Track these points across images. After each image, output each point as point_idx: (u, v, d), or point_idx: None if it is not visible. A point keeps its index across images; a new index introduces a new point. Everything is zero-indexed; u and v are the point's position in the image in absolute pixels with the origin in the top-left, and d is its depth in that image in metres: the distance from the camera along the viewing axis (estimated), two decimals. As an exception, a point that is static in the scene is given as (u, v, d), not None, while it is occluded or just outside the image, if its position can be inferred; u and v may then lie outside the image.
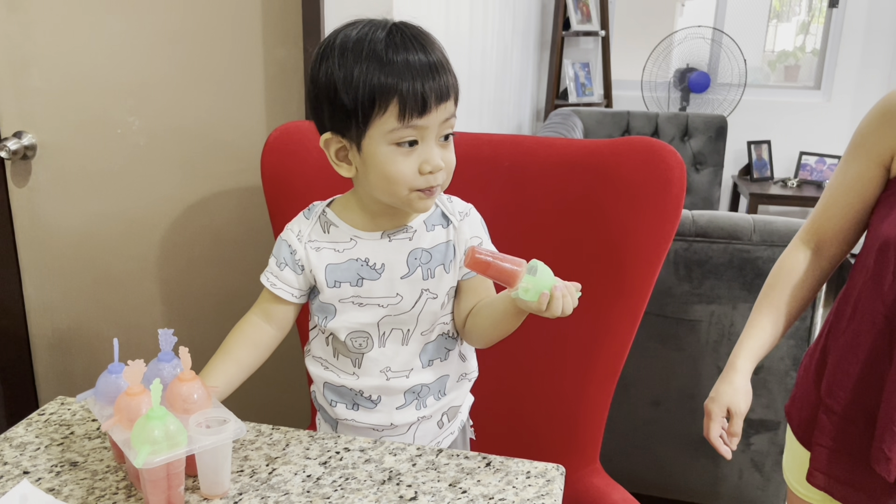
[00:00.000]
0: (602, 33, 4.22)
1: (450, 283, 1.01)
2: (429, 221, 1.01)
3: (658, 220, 1.23)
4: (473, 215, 1.05)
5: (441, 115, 0.92)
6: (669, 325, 1.77)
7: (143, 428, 0.70)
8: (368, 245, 0.99)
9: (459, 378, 1.09)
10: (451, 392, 1.07)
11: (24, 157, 1.72)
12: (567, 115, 3.47)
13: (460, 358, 1.09)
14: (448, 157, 0.94)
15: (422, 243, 1.00)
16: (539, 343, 1.30)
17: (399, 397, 1.03)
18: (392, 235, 1.00)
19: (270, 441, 0.88)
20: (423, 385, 1.04)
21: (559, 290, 0.86)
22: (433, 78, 0.89)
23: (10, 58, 1.68)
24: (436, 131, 0.92)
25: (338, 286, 0.99)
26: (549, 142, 1.32)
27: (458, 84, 0.94)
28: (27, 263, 1.82)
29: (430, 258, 1.00)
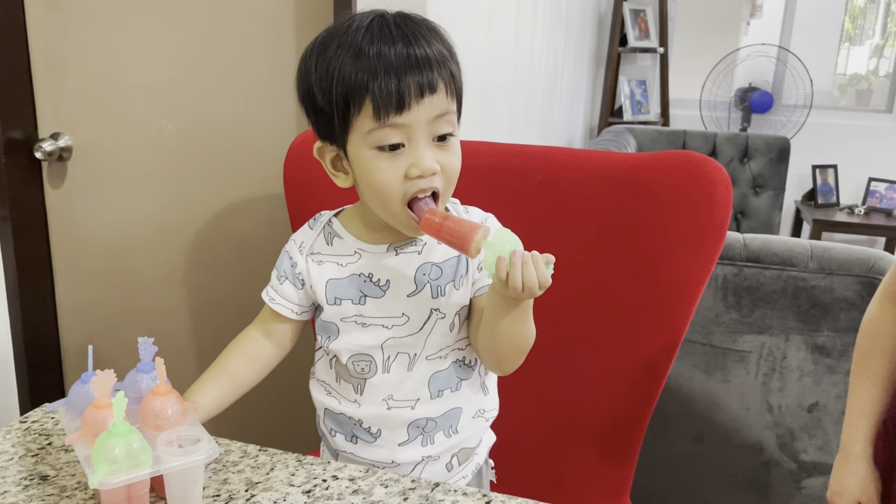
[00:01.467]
0: (661, 50, 4.11)
1: (460, 301, 0.91)
2: None
3: (701, 241, 1.13)
4: (492, 224, 0.95)
5: (427, 111, 0.81)
6: (716, 354, 1.66)
7: (104, 445, 0.65)
8: (373, 259, 0.91)
9: (476, 414, 0.97)
10: (465, 430, 0.95)
11: (59, 158, 1.72)
12: (620, 132, 3.37)
13: (480, 390, 0.97)
14: (446, 160, 0.84)
15: (432, 257, 0.90)
16: (567, 372, 1.21)
17: (402, 432, 0.92)
18: (399, 249, 0.90)
19: (255, 463, 0.82)
20: (430, 419, 0.92)
21: (518, 255, 0.75)
22: (413, 70, 0.79)
23: (48, 59, 1.68)
24: (426, 131, 0.82)
25: (339, 303, 0.91)
26: (585, 154, 1.24)
27: (457, 78, 0.84)
28: (60, 265, 1.82)
29: (441, 274, 0.90)
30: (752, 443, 1.68)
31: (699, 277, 1.14)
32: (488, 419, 0.99)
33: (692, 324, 1.66)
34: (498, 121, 2.09)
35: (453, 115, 0.84)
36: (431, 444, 0.93)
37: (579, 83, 3.65)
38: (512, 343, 0.86)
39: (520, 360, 0.90)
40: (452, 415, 0.94)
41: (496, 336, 0.86)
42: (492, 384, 1.00)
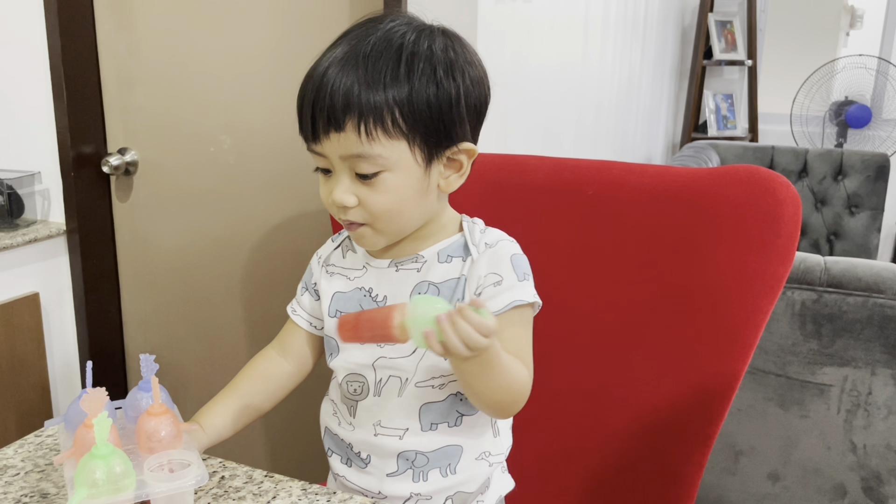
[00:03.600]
0: (749, 62, 3.93)
1: None
2: (445, 251, 0.87)
3: (765, 264, 1.03)
4: (502, 248, 0.86)
5: (336, 148, 0.78)
6: (793, 387, 1.53)
7: (85, 467, 0.63)
8: (376, 274, 0.88)
9: (480, 456, 0.89)
10: (465, 472, 0.88)
11: (126, 172, 1.76)
12: (702, 148, 3.22)
13: (489, 430, 0.90)
14: (365, 197, 0.79)
15: (430, 276, 0.85)
16: (614, 404, 1.12)
17: (391, 462, 0.87)
18: (400, 264, 0.87)
19: (258, 490, 0.78)
20: (420, 453, 0.86)
21: (443, 320, 0.68)
22: (323, 103, 0.76)
23: (117, 76, 1.72)
24: (344, 164, 0.78)
25: (336, 317, 0.88)
26: (641, 168, 1.16)
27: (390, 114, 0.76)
28: (126, 277, 1.86)
29: (438, 294, 0.84)
30: (833, 485, 1.54)
31: (764, 303, 1.04)
32: (493, 463, 0.91)
33: (766, 353, 1.54)
34: (561, 135, 2.02)
35: (381, 158, 0.77)
36: (424, 480, 0.87)
37: (660, 97, 3.53)
38: (492, 397, 0.79)
39: (517, 406, 0.82)
40: (450, 453, 0.87)
41: (473, 395, 0.81)
42: (504, 424, 0.93)
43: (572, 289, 1.15)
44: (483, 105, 0.85)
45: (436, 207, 0.86)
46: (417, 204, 0.82)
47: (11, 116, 1.78)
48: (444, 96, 0.78)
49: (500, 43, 1.48)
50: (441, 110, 0.78)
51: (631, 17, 2.66)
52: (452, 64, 0.79)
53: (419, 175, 0.80)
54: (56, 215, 1.78)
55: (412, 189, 0.80)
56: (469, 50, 0.84)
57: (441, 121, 0.79)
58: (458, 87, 0.79)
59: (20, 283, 1.69)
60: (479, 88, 0.83)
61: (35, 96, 1.72)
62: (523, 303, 0.82)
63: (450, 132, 0.80)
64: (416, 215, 0.83)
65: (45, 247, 1.73)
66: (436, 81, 0.78)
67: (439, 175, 0.83)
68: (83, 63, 1.71)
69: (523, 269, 0.85)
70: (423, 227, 0.86)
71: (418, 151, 0.79)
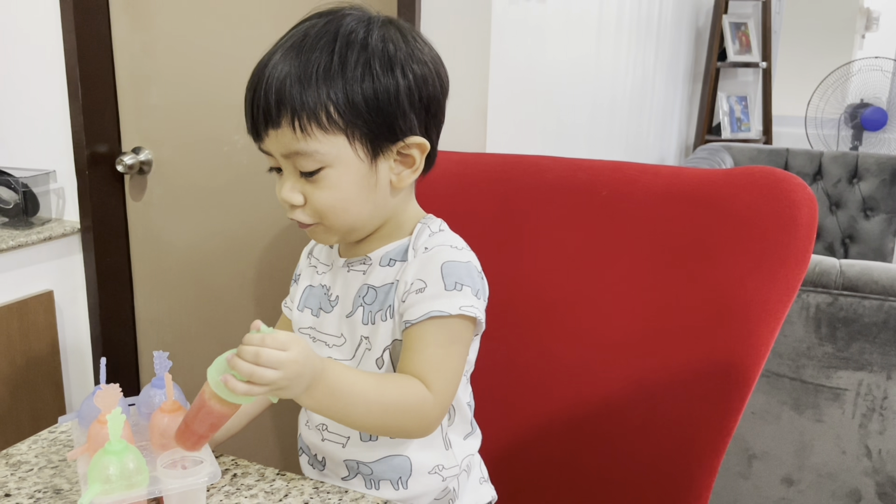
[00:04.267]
0: (763, 65, 3.90)
1: (389, 334, 0.81)
2: (389, 254, 0.84)
3: (780, 267, 1.03)
4: (437, 254, 0.81)
5: (276, 146, 0.77)
6: (807, 391, 1.52)
7: (99, 463, 0.63)
8: (334, 272, 0.87)
9: (432, 470, 0.86)
10: (417, 486, 0.85)
11: (140, 171, 1.77)
12: (715, 150, 3.20)
13: (441, 444, 0.87)
14: (312, 195, 0.78)
15: (372, 279, 0.83)
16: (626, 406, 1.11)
17: (341, 467, 0.86)
18: (351, 265, 0.86)
19: (270, 488, 0.78)
20: (362, 463, 0.84)
21: (230, 357, 0.68)
22: (258, 101, 0.75)
23: (132, 75, 1.73)
24: (287, 162, 0.78)
25: (302, 311, 0.89)
26: (655, 169, 1.15)
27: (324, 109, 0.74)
28: (139, 276, 1.86)
29: (374, 299, 0.82)
30: (848, 490, 1.52)
31: (779, 306, 1.03)
32: (446, 477, 0.87)
33: (780, 357, 1.53)
34: (574, 136, 2.02)
35: (319, 154, 0.76)
36: (376, 489, 0.85)
37: (673, 99, 3.51)
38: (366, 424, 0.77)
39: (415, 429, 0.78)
40: (397, 466, 0.84)
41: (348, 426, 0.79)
42: (456, 436, 0.89)
43: (585, 289, 1.14)
44: (433, 98, 0.81)
45: (392, 204, 0.83)
46: (365, 200, 0.80)
47: (27, 115, 1.79)
48: (382, 90, 0.76)
49: (513, 43, 1.47)
50: (379, 105, 0.76)
51: (645, 19, 2.65)
52: (391, 57, 0.77)
53: (363, 170, 0.78)
54: (71, 214, 1.79)
55: (356, 185, 0.78)
56: (416, 43, 0.81)
57: (381, 116, 0.76)
58: (397, 82, 0.76)
59: (35, 281, 1.70)
60: (425, 81, 0.79)
61: (50, 96, 1.73)
62: (443, 314, 0.77)
63: (392, 127, 0.78)
64: (364, 212, 0.81)
65: (59, 245, 1.74)
66: (372, 75, 0.75)
67: (389, 170, 0.80)
68: (98, 63, 1.72)
69: (457, 278, 0.79)
70: (382, 225, 0.84)
71: (360, 146, 0.77)
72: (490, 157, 1.29)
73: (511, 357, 1.15)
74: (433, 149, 0.83)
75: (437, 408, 0.76)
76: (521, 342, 1.16)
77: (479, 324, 0.82)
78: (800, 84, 4.02)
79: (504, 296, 1.15)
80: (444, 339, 0.78)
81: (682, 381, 1.07)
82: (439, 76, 0.82)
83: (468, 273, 0.81)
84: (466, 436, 0.91)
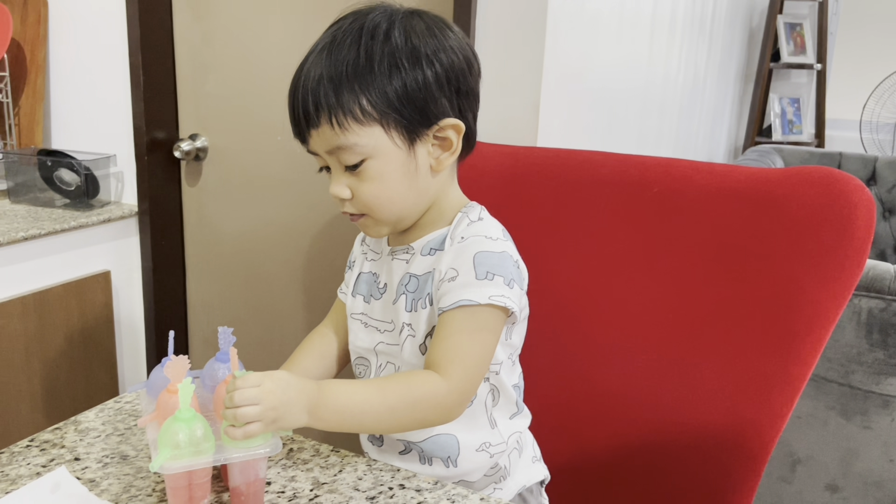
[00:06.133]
0: (818, 66, 3.83)
1: (428, 321, 0.84)
2: (430, 244, 0.86)
3: (836, 268, 1.02)
4: (471, 244, 0.82)
5: (319, 144, 0.80)
6: (856, 397, 1.49)
7: (169, 429, 0.66)
8: (382, 260, 0.91)
9: (479, 448, 0.88)
10: (466, 464, 0.88)
11: (196, 157, 1.82)
12: (766, 152, 3.15)
13: (486, 424, 0.89)
14: (358, 188, 0.81)
15: (414, 268, 0.86)
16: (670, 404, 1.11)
17: (397, 443, 0.88)
18: (395, 254, 0.89)
19: (325, 464, 0.81)
20: (412, 442, 0.86)
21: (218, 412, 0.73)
22: (300, 100, 0.78)
23: (192, 64, 1.78)
24: (332, 159, 0.81)
25: (356, 297, 0.92)
26: (708, 167, 1.15)
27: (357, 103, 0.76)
28: (192, 260, 1.91)
29: (416, 287, 0.84)
30: (894, 499, 1.50)
31: (832, 309, 1.02)
32: (494, 454, 0.90)
33: (829, 361, 1.51)
34: (623, 134, 2.01)
35: (359, 146, 0.78)
36: (429, 465, 0.88)
37: (724, 99, 3.46)
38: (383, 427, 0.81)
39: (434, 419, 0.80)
40: (445, 444, 0.86)
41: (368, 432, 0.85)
42: (501, 415, 0.91)
43: (633, 285, 1.14)
44: (463, 82, 0.83)
45: (434, 188, 0.85)
46: (408, 187, 0.82)
47: (91, 102, 1.85)
48: (411, 82, 0.78)
49: (567, 39, 1.48)
50: (409, 95, 0.78)
51: (698, 17, 2.63)
52: (416, 49, 0.79)
53: (403, 157, 0.81)
54: (129, 197, 1.84)
55: (398, 172, 0.81)
56: (441, 31, 0.82)
57: (412, 104, 0.79)
58: (424, 74, 0.79)
59: (93, 261, 1.75)
60: (452, 68, 0.81)
61: (113, 83, 1.79)
62: (472, 303, 0.79)
63: (425, 113, 0.80)
64: (410, 198, 0.83)
65: (117, 227, 1.80)
66: (399, 69, 0.78)
67: (428, 154, 0.83)
68: (159, 52, 1.77)
69: (489, 268, 0.81)
70: (426, 213, 0.87)
71: (396, 134, 0.79)
72: (541, 150, 1.29)
73: (559, 346, 1.16)
74: (470, 129, 0.85)
75: (452, 394, 0.78)
76: (568, 334, 1.16)
77: (512, 313, 0.83)
78: (855, 87, 3.93)
79: (552, 288, 1.16)
80: (471, 327, 0.80)
81: (731, 379, 1.07)
82: (467, 60, 0.84)
83: (501, 262, 0.82)
84: (513, 415, 0.93)
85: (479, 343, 0.80)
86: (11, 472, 0.77)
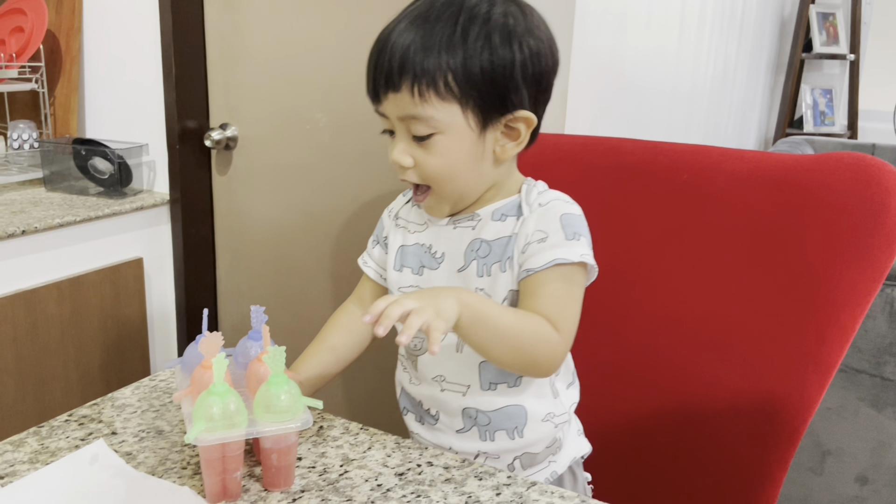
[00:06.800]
0: (851, 57, 3.76)
1: (507, 285, 0.85)
2: (500, 210, 0.87)
3: (868, 254, 1.01)
4: (554, 207, 0.85)
5: (393, 108, 0.81)
6: (887, 388, 1.48)
7: (203, 403, 0.67)
8: (435, 231, 0.90)
9: (545, 418, 0.90)
10: (532, 434, 0.89)
11: (226, 147, 1.84)
12: (797, 143, 3.11)
13: (549, 393, 0.90)
14: (421, 159, 0.82)
15: (483, 234, 0.86)
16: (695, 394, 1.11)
17: (457, 419, 0.89)
18: (457, 222, 0.89)
19: (354, 441, 0.82)
20: (481, 412, 0.88)
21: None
22: (382, 63, 0.79)
23: (222, 54, 1.80)
24: (401, 125, 0.81)
25: (401, 271, 0.92)
26: (739, 154, 1.14)
27: (443, 77, 0.77)
28: (221, 248, 1.94)
29: (489, 252, 0.85)
30: (926, 492, 1.48)
31: (863, 296, 1.01)
32: (558, 424, 0.92)
33: (860, 352, 1.49)
34: (652, 126, 2.00)
35: (434, 120, 0.79)
36: (491, 440, 0.89)
37: (754, 90, 3.42)
38: (498, 357, 0.80)
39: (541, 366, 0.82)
40: (513, 414, 0.88)
41: (482, 355, 0.82)
42: (561, 384, 0.93)
43: (663, 273, 1.14)
44: (544, 74, 0.84)
45: (493, 175, 0.86)
46: (471, 169, 0.83)
47: (124, 92, 1.88)
48: (499, 63, 0.79)
49: (596, 29, 1.47)
50: (494, 77, 0.79)
51: (728, 7, 2.60)
52: (511, 31, 0.79)
53: (472, 140, 0.82)
54: (161, 185, 1.87)
55: (464, 153, 0.82)
56: (533, 19, 0.83)
57: (495, 87, 0.80)
58: (513, 55, 0.79)
59: (126, 248, 1.79)
60: (539, 58, 0.82)
61: (145, 73, 1.82)
62: (566, 261, 0.81)
63: (504, 99, 0.81)
64: (470, 180, 0.84)
65: (149, 215, 1.83)
66: (490, 48, 0.78)
67: (495, 141, 0.84)
68: (191, 41, 1.79)
69: (575, 228, 0.84)
70: (488, 189, 0.88)
71: (472, 116, 0.80)
72: (569, 137, 1.29)
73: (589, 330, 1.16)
74: (538, 125, 0.86)
75: (561, 345, 0.80)
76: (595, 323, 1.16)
77: (593, 273, 0.86)
78: (889, 78, 3.86)
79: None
80: (566, 284, 0.82)
81: (760, 365, 1.06)
82: (552, 53, 0.85)
83: (583, 224, 0.86)
84: (569, 385, 0.95)
85: (575, 298, 0.83)
86: (51, 445, 0.80)
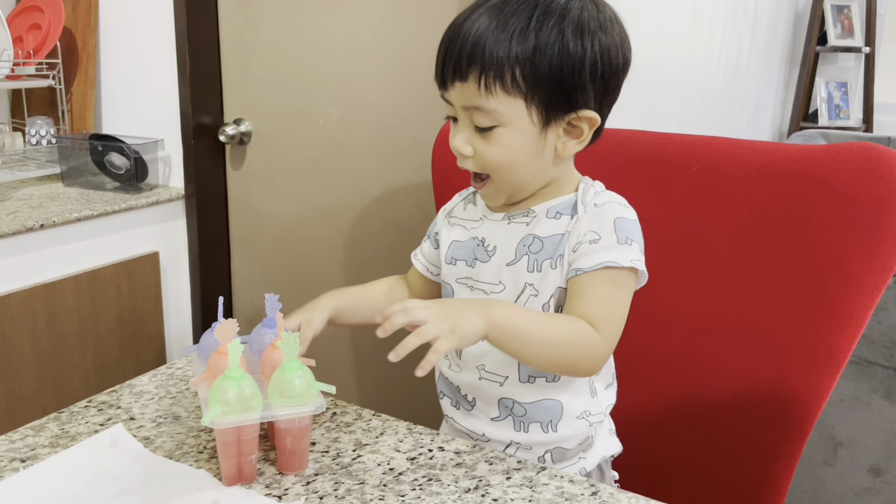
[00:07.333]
0: (866, 50, 3.74)
1: (556, 282, 0.85)
2: (555, 208, 0.88)
3: (879, 243, 1.01)
4: (609, 210, 0.86)
5: (458, 97, 0.82)
6: (901, 380, 1.47)
7: (219, 387, 0.69)
8: (490, 226, 0.92)
9: (580, 415, 0.91)
10: (566, 430, 0.90)
11: (240, 142, 1.86)
12: (811, 136, 3.09)
13: (588, 391, 0.92)
14: (482, 150, 0.83)
15: (537, 230, 0.87)
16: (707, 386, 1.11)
17: (493, 407, 0.91)
18: (512, 217, 0.90)
19: (367, 427, 0.84)
20: (518, 403, 0.89)
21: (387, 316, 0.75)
22: (452, 51, 0.80)
23: (236, 49, 1.82)
24: (465, 114, 0.83)
25: (454, 263, 0.93)
26: (750, 144, 1.14)
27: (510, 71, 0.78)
28: (236, 242, 1.96)
29: (541, 248, 0.86)
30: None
31: (874, 286, 1.02)
32: (592, 423, 0.93)
33: (873, 344, 1.49)
34: (665, 117, 2.00)
35: (497, 113, 0.80)
36: (525, 432, 0.90)
37: (768, 84, 3.41)
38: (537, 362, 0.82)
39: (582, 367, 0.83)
40: (549, 409, 0.89)
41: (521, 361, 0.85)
42: (600, 384, 0.94)
43: (674, 264, 1.14)
44: (613, 73, 0.84)
45: (552, 171, 0.87)
46: (530, 163, 0.84)
47: (140, 88, 1.90)
48: (568, 60, 0.79)
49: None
50: (563, 74, 0.79)
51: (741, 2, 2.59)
52: (584, 27, 0.79)
53: (534, 135, 0.82)
54: (176, 180, 1.89)
55: (524, 148, 0.83)
56: (608, 15, 0.83)
57: (562, 84, 0.80)
58: (583, 53, 0.79)
59: (142, 243, 1.81)
60: (609, 53, 0.82)
61: (161, 69, 1.84)
62: (616, 265, 0.82)
63: (570, 97, 0.81)
64: (529, 174, 0.85)
65: (165, 209, 1.85)
66: (562, 42, 0.78)
67: (556, 138, 0.84)
68: (205, 37, 1.81)
69: (628, 233, 0.84)
70: (543, 187, 0.89)
71: (535, 112, 0.81)
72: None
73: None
74: (602, 124, 0.87)
75: (603, 346, 0.81)
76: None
77: (642, 279, 0.87)
78: (906, 70, 3.83)
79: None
80: (614, 286, 0.83)
81: (772, 356, 1.07)
82: (623, 52, 0.85)
83: (636, 229, 0.86)
84: (607, 386, 0.96)
85: (622, 303, 0.84)
86: (71, 430, 0.82)
